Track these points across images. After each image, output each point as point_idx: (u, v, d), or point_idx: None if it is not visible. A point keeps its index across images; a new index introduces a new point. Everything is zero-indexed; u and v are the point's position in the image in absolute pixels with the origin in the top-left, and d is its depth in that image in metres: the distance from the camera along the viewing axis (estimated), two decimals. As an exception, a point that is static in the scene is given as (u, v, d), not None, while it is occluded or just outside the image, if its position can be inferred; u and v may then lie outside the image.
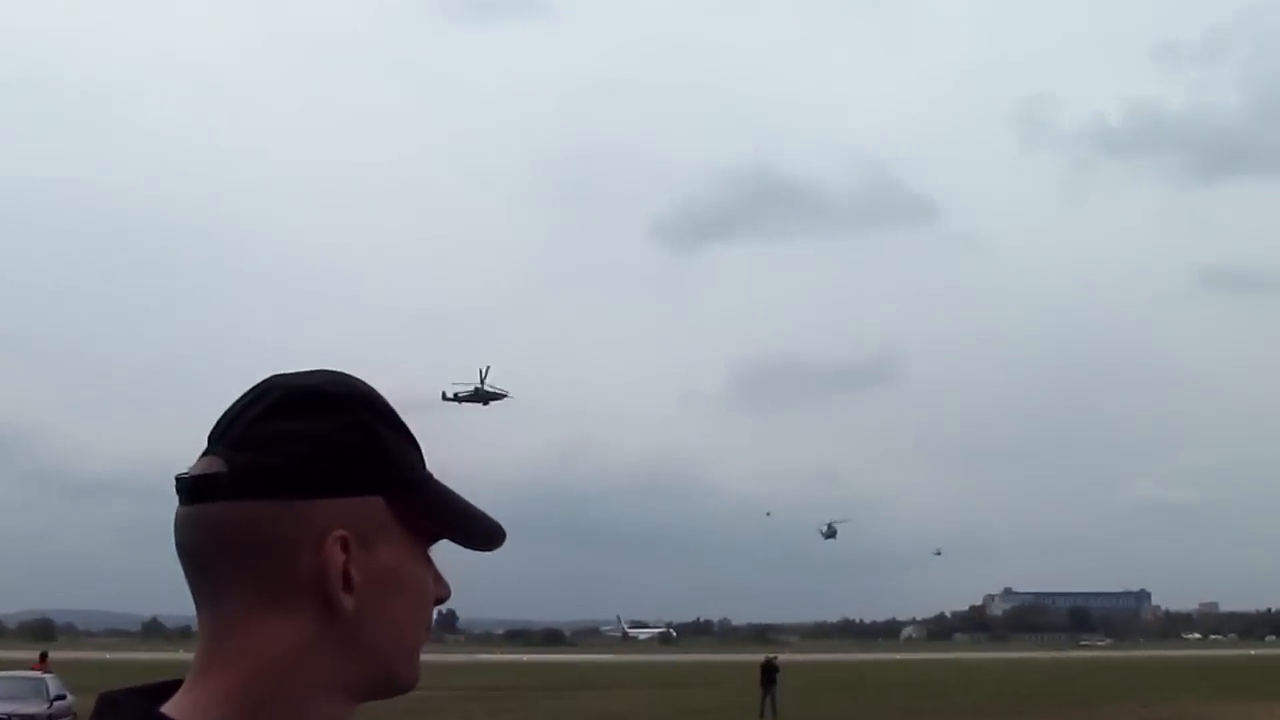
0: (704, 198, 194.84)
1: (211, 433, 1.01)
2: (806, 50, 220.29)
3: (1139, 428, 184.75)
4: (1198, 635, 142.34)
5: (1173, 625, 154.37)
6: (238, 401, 1.05)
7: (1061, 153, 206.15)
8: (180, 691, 0.91)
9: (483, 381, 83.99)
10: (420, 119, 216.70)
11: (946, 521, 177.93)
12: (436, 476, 0.99)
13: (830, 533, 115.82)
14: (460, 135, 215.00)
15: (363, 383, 1.06)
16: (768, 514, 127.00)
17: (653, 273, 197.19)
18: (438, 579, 1.04)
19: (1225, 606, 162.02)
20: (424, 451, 0.99)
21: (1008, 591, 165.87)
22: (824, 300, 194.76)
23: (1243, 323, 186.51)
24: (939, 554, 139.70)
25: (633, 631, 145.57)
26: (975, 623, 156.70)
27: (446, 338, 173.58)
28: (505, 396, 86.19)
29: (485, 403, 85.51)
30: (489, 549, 1.03)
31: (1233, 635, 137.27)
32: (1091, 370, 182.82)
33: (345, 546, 1.00)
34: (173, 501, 0.89)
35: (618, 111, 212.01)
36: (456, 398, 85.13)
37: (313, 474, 1.01)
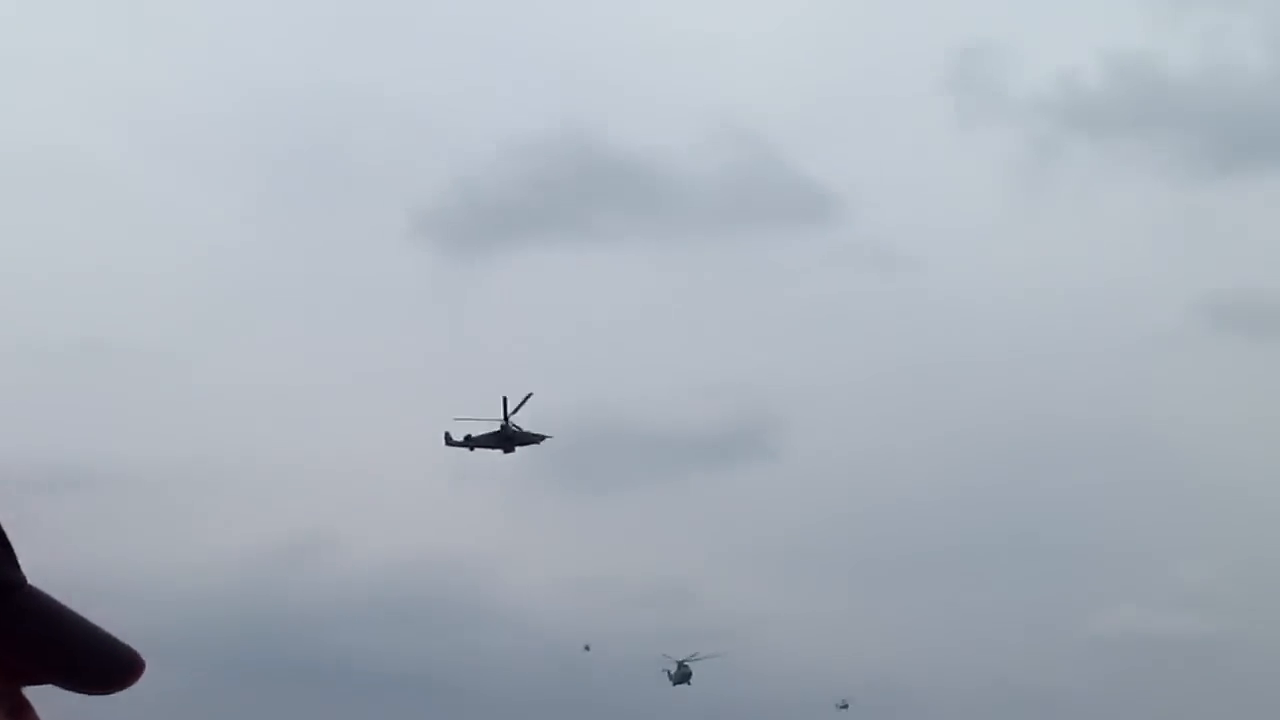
0: (496, 180, 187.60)
1: None
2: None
3: (1121, 529, 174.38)
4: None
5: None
6: None
7: (1013, 128, 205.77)
8: None
9: (508, 417, 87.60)
10: (71, 53, 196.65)
11: (850, 660, 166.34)
12: (35, 585, 0.89)
13: (681, 675, 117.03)
14: (132, 79, 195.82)
15: None
16: (586, 648, 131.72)
17: (418, 286, 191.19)
18: None
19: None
20: (15, 549, 0.92)
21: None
22: (672, 333, 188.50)
23: (1269, 379, 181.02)
24: (845, 707, 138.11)
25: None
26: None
27: (100, 380, 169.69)
28: (543, 439, 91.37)
29: (509, 449, 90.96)
30: (110, 689, 0.90)
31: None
32: (1054, 446, 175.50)
33: None
34: None
35: (371, 54, 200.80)
36: (468, 441, 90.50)
37: None
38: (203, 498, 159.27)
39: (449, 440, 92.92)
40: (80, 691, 1.24)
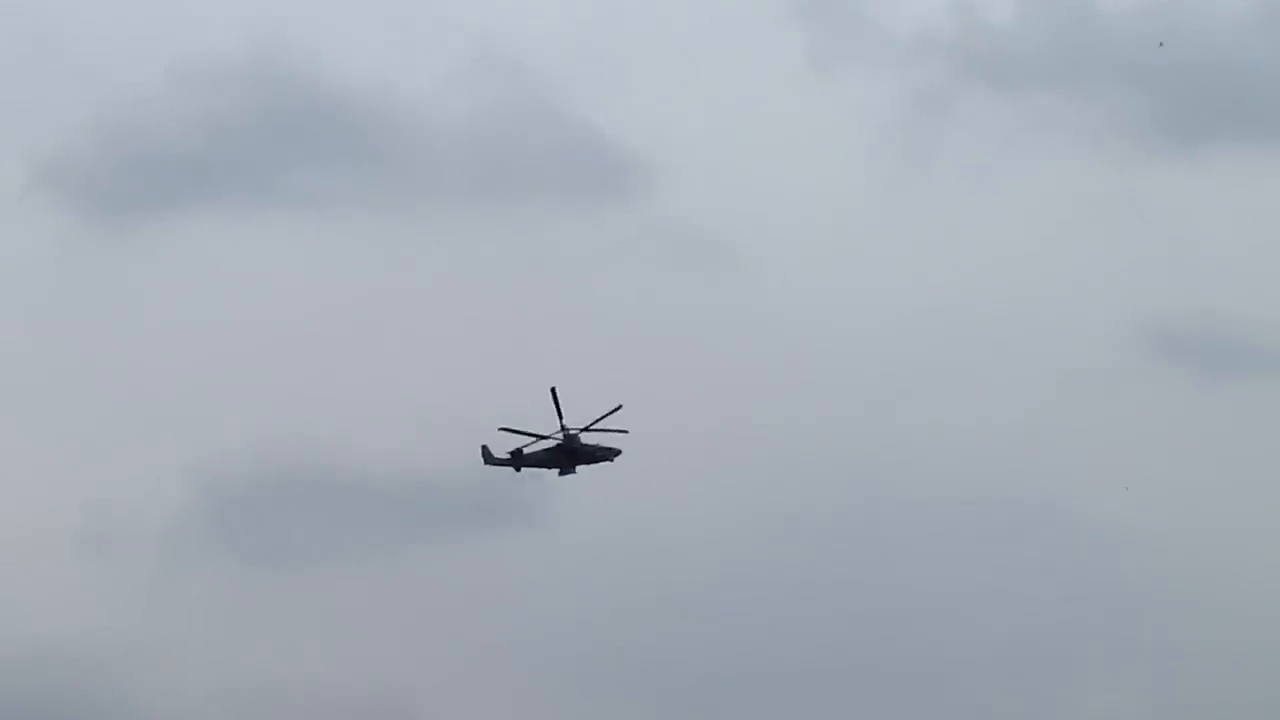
0: (156, 120, 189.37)
1: None
2: None
3: (1020, 639, 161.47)
4: None
5: None
6: None
7: (888, 76, 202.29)
8: None
9: (563, 422, 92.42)
10: None
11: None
12: None
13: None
14: None
15: None
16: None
17: (37, 260, 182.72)
18: None
19: None
20: None
21: None
22: (399, 341, 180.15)
23: (1228, 431, 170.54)
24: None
25: None
26: None
27: None
28: (615, 454, 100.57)
29: (569, 468, 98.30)
30: None
31: None
32: (931, 522, 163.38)
33: None
34: None
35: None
36: (516, 459, 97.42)
37: None
38: None
39: (488, 458, 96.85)
40: None
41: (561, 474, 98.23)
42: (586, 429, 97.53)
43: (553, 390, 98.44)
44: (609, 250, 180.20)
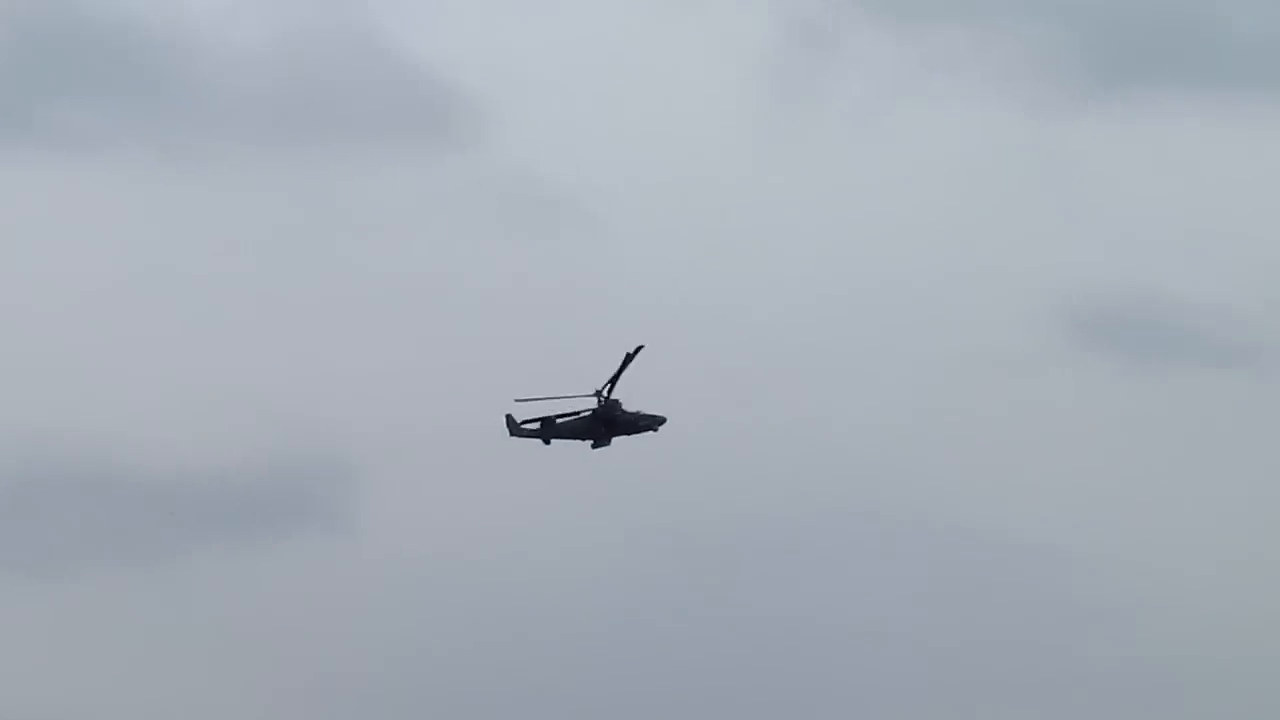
0: None
1: None
2: None
3: (933, 676, 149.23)
4: None
5: None
6: None
7: (764, 2, 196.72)
8: None
9: (611, 387, 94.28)
10: None
11: None
12: None
13: None
14: None
15: None
16: None
17: None
18: None
19: None
20: None
21: None
22: (180, 308, 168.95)
23: (1162, 427, 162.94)
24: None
25: None
26: None
27: None
28: (660, 423, 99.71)
29: (604, 439, 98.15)
30: None
31: None
32: (813, 539, 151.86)
33: None
34: None
35: None
36: (545, 428, 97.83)
37: None
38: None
39: (514, 428, 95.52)
40: None
41: (595, 446, 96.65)
42: (611, 382, 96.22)
43: (629, 355, 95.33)
44: (431, 205, 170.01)
